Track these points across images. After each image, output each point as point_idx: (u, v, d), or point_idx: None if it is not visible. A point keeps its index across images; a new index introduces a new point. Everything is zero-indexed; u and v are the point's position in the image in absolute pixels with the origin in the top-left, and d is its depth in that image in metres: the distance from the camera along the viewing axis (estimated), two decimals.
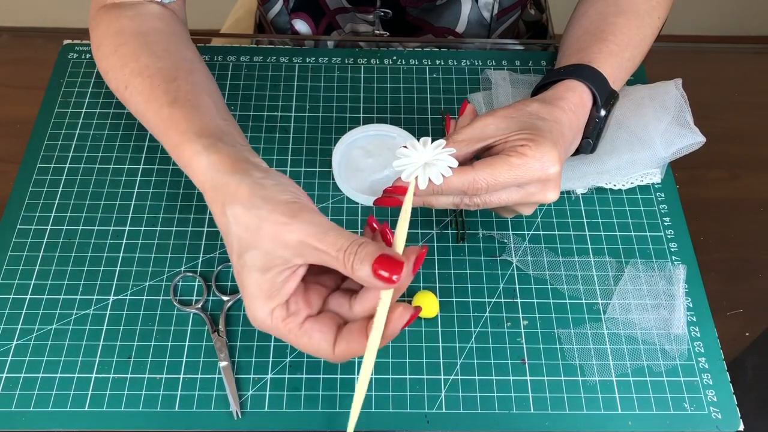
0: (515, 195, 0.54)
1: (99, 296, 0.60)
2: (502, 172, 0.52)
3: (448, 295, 0.61)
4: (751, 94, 0.78)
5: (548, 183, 0.54)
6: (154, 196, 0.66)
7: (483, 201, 0.54)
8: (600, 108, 0.60)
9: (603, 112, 0.60)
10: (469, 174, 0.52)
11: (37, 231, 0.63)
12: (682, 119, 0.67)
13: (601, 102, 0.60)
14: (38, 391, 0.55)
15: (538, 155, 0.52)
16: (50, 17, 1.77)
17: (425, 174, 0.51)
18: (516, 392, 0.56)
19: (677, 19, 1.00)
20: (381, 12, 0.83)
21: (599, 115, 0.60)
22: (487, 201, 0.54)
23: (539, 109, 0.57)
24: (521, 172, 0.52)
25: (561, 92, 0.59)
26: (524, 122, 0.55)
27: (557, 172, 0.53)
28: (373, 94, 0.73)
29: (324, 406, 0.55)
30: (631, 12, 0.66)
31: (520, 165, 0.52)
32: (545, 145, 0.53)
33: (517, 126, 0.54)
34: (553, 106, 0.57)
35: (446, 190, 0.52)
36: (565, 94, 0.59)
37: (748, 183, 0.71)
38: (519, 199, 0.55)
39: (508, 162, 0.52)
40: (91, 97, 0.72)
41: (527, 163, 0.52)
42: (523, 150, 0.52)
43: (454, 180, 0.52)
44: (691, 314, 0.60)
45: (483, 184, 0.52)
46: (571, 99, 0.58)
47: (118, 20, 0.63)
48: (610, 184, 0.66)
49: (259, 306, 0.47)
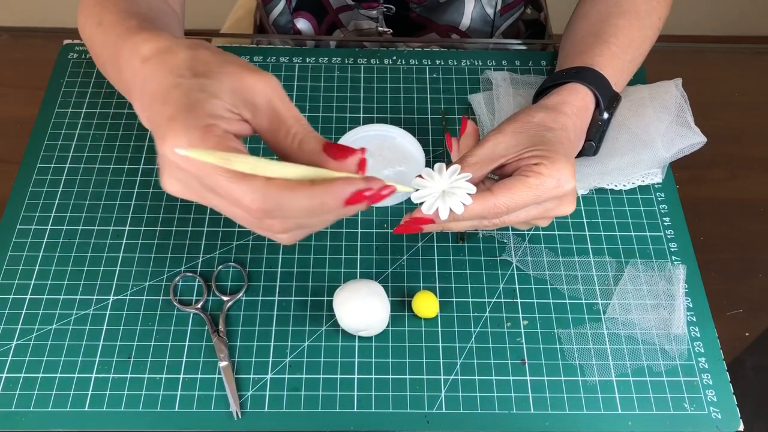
0: (533, 212, 0.55)
1: (99, 296, 0.60)
2: (522, 193, 0.52)
3: (448, 295, 0.61)
4: (751, 94, 0.78)
5: (565, 198, 0.54)
6: (154, 196, 0.66)
7: (502, 221, 0.54)
8: (603, 111, 0.60)
9: (606, 115, 0.60)
10: (490, 200, 0.52)
11: (37, 231, 0.63)
12: (683, 119, 0.67)
13: (604, 105, 0.60)
14: (38, 391, 0.55)
15: (554, 173, 0.52)
16: (50, 17, 1.77)
17: (446, 204, 0.51)
18: (516, 392, 0.56)
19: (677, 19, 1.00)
20: (384, 8, 0.83)
21: (602, 117, 0.60)
22: (506, 221, 0.54)
23: (545, 119, 0.57)
24: (539, 192, 0.52)
25: (564, 96, 0.59)
26: (533, 136, 0.55)
27: (573, 187, 0.54)
28: (373, 94, 0.73)
29: (324, 406, 0.55)
30: (632, 13, 0.66)
31: (538, 185, 0.52)
32: (559, 161, 0.53)
33: (527, 141, 0.54)
34: (558, 113, 0.57)
35: (467, 216, 0.52)
36: (569, 98, 0.59)
37: (748, 183, 0.71)
38: (537, 214, 0.55)
39: (526, 183, 0.52)
40: (91, 97, 0.72)
41: (544, 182, 0.52)
42: (538, 169, 0.52)
43: (475, 207, 0.52)
44: (691, 314, 0.60)
45: (503, 209, 0.52)
46: (574, 103, 0.59)
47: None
48: (612, 184, 0.66)
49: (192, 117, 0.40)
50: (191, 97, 0.41)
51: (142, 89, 0.44)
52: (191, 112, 0.40)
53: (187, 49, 0.44)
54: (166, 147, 0.40)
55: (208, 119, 0.40)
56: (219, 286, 0.61)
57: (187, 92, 0.41)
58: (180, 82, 0.41)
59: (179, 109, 0.40)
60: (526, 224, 0.59)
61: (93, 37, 0.56)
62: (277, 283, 0.61)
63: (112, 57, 0.51)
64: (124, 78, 0.49)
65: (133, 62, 0.46)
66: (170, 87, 0.41)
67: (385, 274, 0.62)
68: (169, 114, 0.40)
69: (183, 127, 0.40)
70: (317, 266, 0.62)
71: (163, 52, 0.44)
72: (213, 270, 0.62)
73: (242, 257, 0.62)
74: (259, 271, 0.62)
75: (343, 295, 0.57)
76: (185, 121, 0.40)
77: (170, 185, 0.42)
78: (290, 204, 0.40)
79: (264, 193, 0.39)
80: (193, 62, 0.42)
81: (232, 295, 0.60)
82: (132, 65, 0.46)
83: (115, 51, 0.50)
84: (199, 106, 0.40)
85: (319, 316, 0.59)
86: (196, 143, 0.39)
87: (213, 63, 0.42)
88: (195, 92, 0.41)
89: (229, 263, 0.62)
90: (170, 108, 0.40)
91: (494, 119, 0.70)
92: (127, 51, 0.47)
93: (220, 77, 0.42)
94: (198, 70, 0.42)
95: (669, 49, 0.82)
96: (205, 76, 0.42)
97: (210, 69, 0.42)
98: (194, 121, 0.40)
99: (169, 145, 0.40)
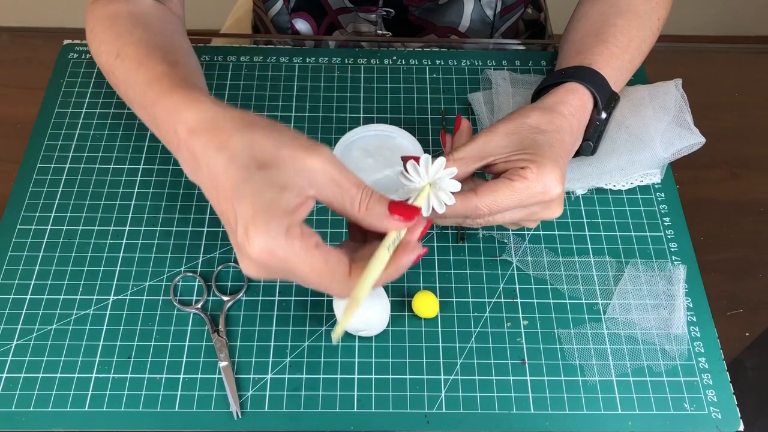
0: (519, 214, 0.55)
1: (99, 296, 0.60)
2: (505, 197, 0.52)
3: (448, 295, 0.61)
4: (751, 94, 0.78)
5: (552, 203, 0.54)
6: (154, 196, 0.66)
7: (486, 221, 0.55)
8: (601, 111, 0.60)
9: (604, 114, 0.60)
10: (473, 201, 0.52)
11: (37, 231, 0.63)
12: (682, 120, 0.67)
13: (602, 104, 0.60)
14: (38, 391, 0.55)
15: (540, 178, 0.52)
16: (50, 17, 1.77)
17: (429, 204, 0.51)
18: (516, 392, 0.56)
19: (677, 19, 1.00)
20: (383, 11, 0.83)
21: (600, 117, 0.60)
22: (490, 221, 0.55)
23: (539, 120, 0.56)
24: (524, 196, 0.52)
25: (561, 96, 0.59)
26: (524, 139, 0.55)
27: (560, 192, 0.53)
28: (373, 94, 0.73)
29: (324, 406, 0.55)
30: (631, 13, 0.66)
31: (523, 189, 0.52)
32: (546, 166, 0.53)
33: (517, 144, 0.54)
34: (554, 113, 0.57)
35: (449, 215, 0.53)
36: (566, 97, 0.59)
37: (748, 183, 0.71)
38: (523, 217, 0.55)
39: (510, 187, 0.52)
40: (91, 97, 0.72)
41: (530, 187, 0.52)
42: (524, 173, 0.52)
43: (458, 207, 0.52)
44: (691, 314, 0.60)
45: (485, 210, 0.53)
46: (571, 102, 0.59)
47: (114, 4, 0.62)
48: (610, 184, 0.66)
49: (275, 222, 0.43)
50: (266, 197, 0.43)
51: (198, 163, 0.46)
52: (271, 216, 0.43)
53: (238, 132, 0.45)
54: (255, 249, 0.43)
55: (287, 219, 0.43)
56: (219, 286, 0.61)
57: (261, 190, 0.43)
58: (248, 176, 0.43)
59: (258, 212, 0.43)
60: (513, 225, 0.59)
61: (112, 69, 0.58)
62: (277, 283, 0.61)
63: (143, 105, 0.54)
64: (163, 134, 0.51)
65: (176, 127, 0.48)
66: (239, 181, 0.44)
67: None
68: (249, 215, 0.43)
69: (266, 234, 0.42)
70: None
71: (211, 130, 0.46)
72: (213, 270, 0.62)
73: None
74: None
75: None
76: (267, 226, 0.42)
77: (253, 272, 0.45)
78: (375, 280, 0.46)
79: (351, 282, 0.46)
80: (252, 151, 0.44)
81: (233, 295, 0.60)
82: (173, 129, 0.48)
83: (146, 101, 0.52)
84: (275, 207, 0.43)
85: (319, 316, 0.59)
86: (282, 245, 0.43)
87: (270, 149, 0.44)
88: (267, 189, 0.43)
89: (229, 263, 0.62)
90: (248, 208, 0.43)
91: (493, 118, 0.70)
92: (164, 111, 0.50)
93: (282, 165, 0.44)
94: (260, 161, 0.44)
95: (669, 49, 0.82)
96: (269, 167, 0.44)
97: (270, 156, 0.44)
98: (276, 226, 0.43)
99: (259, 247, 0.43)
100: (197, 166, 0.47)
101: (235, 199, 0.43)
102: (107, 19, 0.61)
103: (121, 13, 0.61)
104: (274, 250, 0.43)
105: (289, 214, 0.43)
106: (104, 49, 0.59)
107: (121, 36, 0.58)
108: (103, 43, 0.60)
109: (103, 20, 0.62)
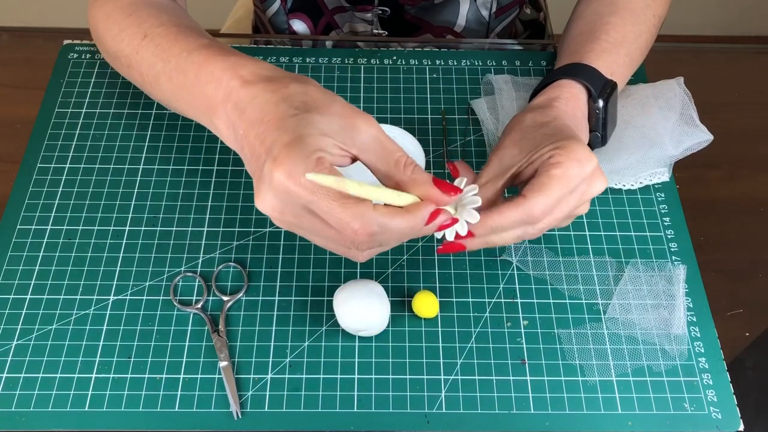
0: (572, 201, 0.53)
1: (99, 296, 0.60)
2: (553, 188, 0.51)
3: (448, 295, 0.61)
4: (751, 94, 0.78)
5: (593, 175, 0.53)
6: (154, 196, 0.66)
7: (547, 224, 0.53)
8: (596, 99, 0.60)
9: (601, 102, 0.60)
10: (525, 204, 0.51)
11: (37, 231, 0.63)
12: (689, 117, 0.67)
13: (596, 92, 0.60)
14: (38, 391, 0.55)
15: (572, 156, 0.52)
16: (50, 17, 1.77)
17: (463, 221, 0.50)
18: (516, 392, 0.56)
19: (677, 19, 1.00)
20: (379, 10, 0.83)
21: (597, 105, 0.60)
22: (550, 222, 0.53)
23: (536, 117, 0.57)
24: (567, 180, 0.51)
25: (550, 94, 0.60)
26: (533, 139, 0.55)
27: (596, 162, 0.53)
28: (373, 94, 0.73)
29: (324, 406, 0.55)
30: (625, 10, 0.66)
31: (563, 175, 0.51)
32: (570, 144, 0.52)
33: (530, 145, 0.54)
34: (547, 107, 0.58)
35: (506, 224, 0.51)
36: (554, 93, 0.60)
37: (748, 183, 0.71)
38: (575, 203, 0.53)
39: (552, 177, 0.51)
40: (91, 97, 0.72)
41: (568, 169, 0.51)
42: (555, 160, 0.52)
43: (513, 213, 0.51)
44: (691, 314, 0.60)
45: (541, 208, 0.51)
46: (561, 95, 0.59)
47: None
48: (620, 184, 0.66)
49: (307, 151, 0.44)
50: (306, 130, 0.45)
51: (242, 110, 0.48)
52: (307, 143, 0.44)
53: (296, 82, 0.48)
54: (280, 170, 0.44)
55: (320, 152, 0.45)
56: (219, 286, 0.61)
57: (303, 124, 0.45)
58: (295, 113, 0.46)
59: (295, 139, 0.44)
60: (569, 218, 0.56)
61: (137, 49, 0.59)
62: (278, 283, 0.61)
63: (178, 69, 0.55)
64: (199, 94, 0.52)
65: (229, 82, 0.50)
66: (286, 116, 0.46)
67: (385, 274, 0.62)
68: (285, 141, 0.45)
69: (300, 155, 0.44)
70: (317, 266, 0.62)
71: (269, 80, 0.49)
72: (213, 270, 0.62)
73: (242, 257, 0.62)
74: (259, 271, 0.62)
75: (343, 295, 0.57)
76: (301, 149, 0.44)
77: (268, 204, 0.46)
78: (392, 228, 0.46)
79: (372, 219, 0.45)
80: (305, 97, 0.47)
81: (233, 295, 0.60)
82: (223, 83, 0.50)
83: (187, 66, 0.54)
84: (312, 140, 0.45)
85: (319, 316, 0.59)
86: (310, 170, 0.44)
87: (322, 101, 0.47)
88: (309, 126, 0.45)
89: (230, 263, 0.62)
90: (287, 135, 0.45)
91: (498, 123, 0.70)
92: (216, 68, 0.51)
93: (330, 116, 0.46)
94: (310, 106, 0.47)
95: (669, 49, 0.82)
96: (318, 113, 0.46)
97: (321, 106, 0.47)
98: (309, 151, 0.44)
99: (284, 168, 0.44)
100: (240, 115, 0.48)
101: (278, 127, 0.45)
102: (127, 8, 0.62)
103: (138, 2, 0.62)
104: (299, 177, 0.43)
105: (324, 151, 0.45)
106: (127, 33, 0.60)
107: (146, 20, 0.59)
108: (125, 28, 0.60)
109: (121, 9, 0.62)
